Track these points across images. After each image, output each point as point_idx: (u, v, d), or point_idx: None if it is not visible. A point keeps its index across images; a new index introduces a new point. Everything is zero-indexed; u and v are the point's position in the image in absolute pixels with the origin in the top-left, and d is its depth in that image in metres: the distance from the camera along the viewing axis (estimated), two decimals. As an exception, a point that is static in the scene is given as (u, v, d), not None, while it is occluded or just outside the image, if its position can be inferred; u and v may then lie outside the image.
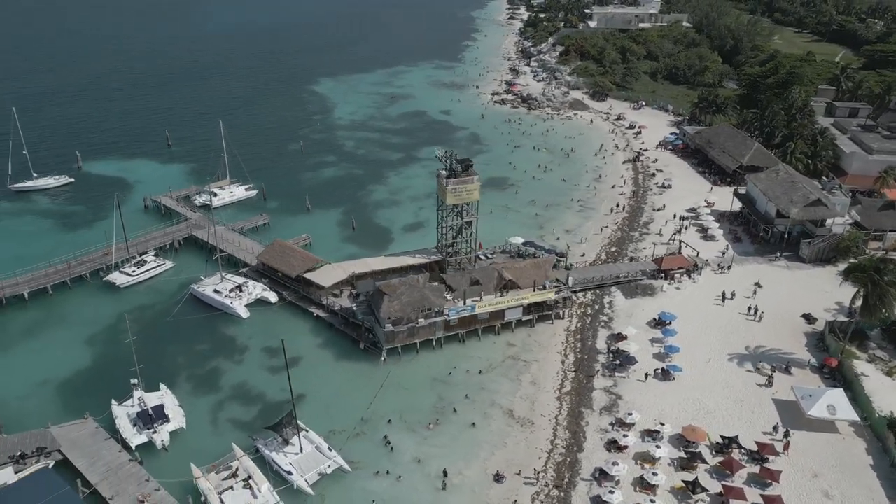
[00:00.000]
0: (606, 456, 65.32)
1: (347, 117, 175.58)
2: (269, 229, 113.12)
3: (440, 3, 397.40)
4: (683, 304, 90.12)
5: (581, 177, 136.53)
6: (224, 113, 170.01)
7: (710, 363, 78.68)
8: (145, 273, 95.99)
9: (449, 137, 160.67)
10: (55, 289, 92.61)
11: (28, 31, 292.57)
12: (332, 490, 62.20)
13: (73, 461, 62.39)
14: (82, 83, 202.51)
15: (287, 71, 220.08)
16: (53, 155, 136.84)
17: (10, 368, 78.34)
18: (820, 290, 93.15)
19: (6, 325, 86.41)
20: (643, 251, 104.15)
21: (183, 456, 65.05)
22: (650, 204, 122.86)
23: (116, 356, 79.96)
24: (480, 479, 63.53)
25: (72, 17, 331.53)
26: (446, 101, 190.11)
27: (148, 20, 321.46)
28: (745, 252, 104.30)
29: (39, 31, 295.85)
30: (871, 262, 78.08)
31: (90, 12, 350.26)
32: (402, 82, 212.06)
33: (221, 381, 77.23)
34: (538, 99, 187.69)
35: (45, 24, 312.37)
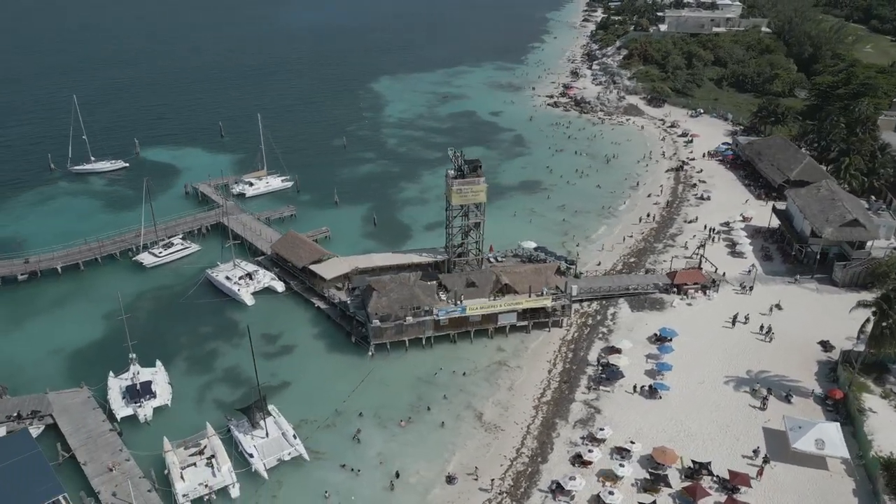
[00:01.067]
0: (569, 470, 63.76)
1: (397, 115, 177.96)
2: (295, 220, 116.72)
3: (518, 4, 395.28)
4: (691, 322, 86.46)
5: (618, 184, 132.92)
6: (280, 109, 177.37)
7: (704, 384, 75.17)
8: (171, 255, 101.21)
9: (492, 138, 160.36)
10: (87, 265, 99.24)
11: (103, 26, 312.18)
12: (290, 477, 63.82)
13: (61, 426, 66.97)
14: (150, 77, 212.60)
15: (350, 70, 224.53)
16: (113, 141, 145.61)
17: (31, 336, 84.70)
18: (847, 316, 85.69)
19: (37, 296, 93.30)
20: (662, 263, 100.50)
21: (161, 430, 68.47)
22: (683, 215, 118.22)
23: (121, 330, 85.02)
24: (434, 480, 63.51)
25: (149, 13, 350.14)
26: (498, 103, 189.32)
27: (228, 18, 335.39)
28: (774, 271, 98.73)
29: (117, 25, 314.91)
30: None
31: (170, 8, 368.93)
32: (459, 82, 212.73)
33: (215, 363, 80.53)
34: (591, 103, 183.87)
35: (122, 20, 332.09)
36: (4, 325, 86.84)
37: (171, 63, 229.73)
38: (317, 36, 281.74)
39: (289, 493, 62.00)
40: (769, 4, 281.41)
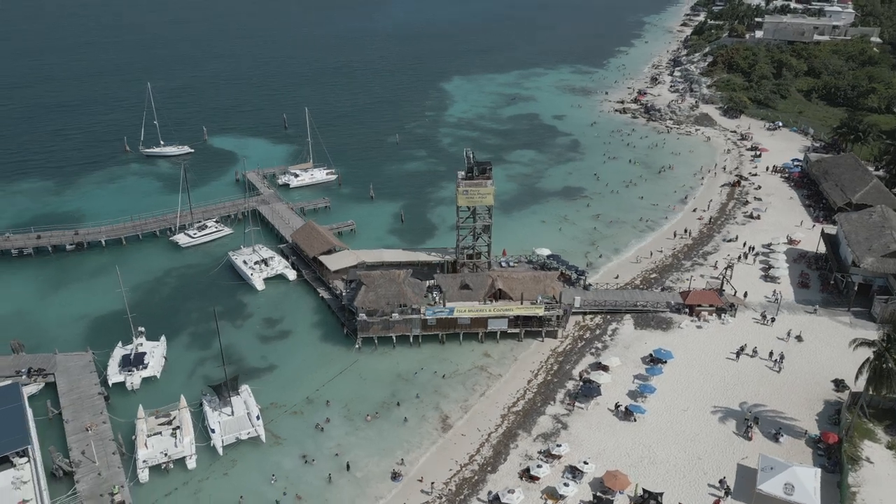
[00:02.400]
0: (516, 483, 62.34)
1: (458, 115, 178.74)
2: (329, 212, 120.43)
3: (617, 7, 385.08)
4: (693, 345, 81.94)
5: (664, 196, 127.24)
6: (348, 106, 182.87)
7: (687, 412, 71.03)
8: (204, 237, 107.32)
9: (546, 142, 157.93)
10: (128, 240, 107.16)
11: (198, 24, 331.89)
12: (245, 456, 66.32)
13: (58, 385, 73.05)
14: (233, 72, 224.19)
15: (427, 70, 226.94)
16: (183, 128, 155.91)
17: (64, 300, 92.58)
18: (873, 355, 79.19)
19: (80, 265, 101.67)
20: (684, 282, 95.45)
21: (143, 399, 73.09)
22: (724, 233, 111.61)
23: (147, 303, 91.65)
24: (379, 476, 63.99)
25: (259, 12, 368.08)
26: (565, 106, 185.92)
27: (324, 18, 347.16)
28: (807, 300, 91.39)
29: (211, 23, 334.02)
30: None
31: (277, 8, 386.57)
32: (531, 84, 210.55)
33: (214, 341, 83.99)
34: (661, 111, 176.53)
35: (220, 18, 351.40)
36: (44, 289, 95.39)
37: (257, 61, 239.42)
38: (405, 37, 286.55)
39: (239, 471, 64.50)
40: (889, 13, 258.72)
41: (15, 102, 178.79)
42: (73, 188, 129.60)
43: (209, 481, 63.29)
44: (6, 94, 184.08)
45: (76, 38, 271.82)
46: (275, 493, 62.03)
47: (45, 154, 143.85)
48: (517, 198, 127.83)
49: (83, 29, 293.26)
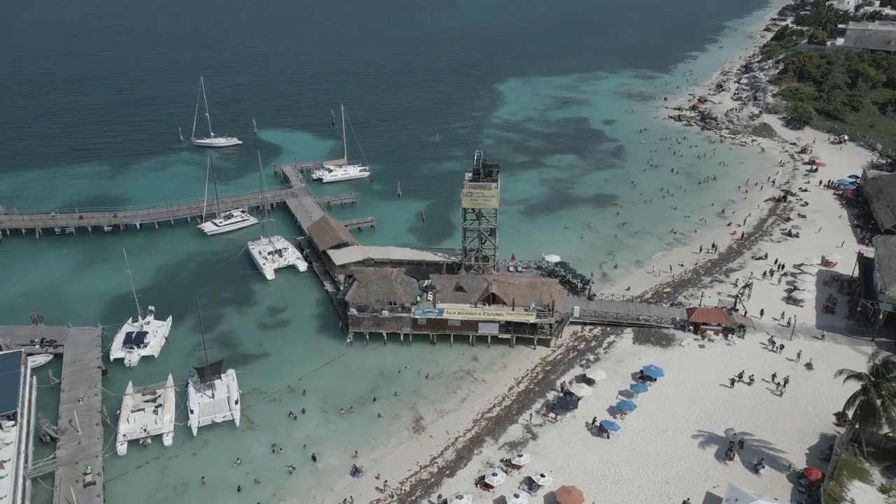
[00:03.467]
0: (470, 489, 61.78)
1: (505, 116, 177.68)
2: (354, 208, 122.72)
3: (700, 9, 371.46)
4: (691, 365, 78.57)
5: (700, 208, 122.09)
6: (398, 106, 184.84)
7: (666, 433, 68.18)
8: (230, 225, 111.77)
9: (590, 147, 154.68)
10: (161, 225, 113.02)
11: (268, 22, 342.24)
12: (216, 437, 68.72)
13: (64, 356, 78.07)
14: (291, 69, 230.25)
15: (485, 71, 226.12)
16: (234, 120, 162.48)
17: (92, 277, 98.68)
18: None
19: (113, 246, 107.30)
20: (699, 298, 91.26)
21: (140, 376, 77.09)
22: (755, 250, 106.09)
23: (165, 285, 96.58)
24: (340, 469, 64.84)
25: (329, 12, 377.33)
26: (618, 111, 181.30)
27: (397, 20, 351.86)
28: (829, 325, 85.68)
29: (282, 23, 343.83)
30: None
31: (350, 8, 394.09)
32: (587, 87, 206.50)
33: (217, 325, 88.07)
34: (718, 119, 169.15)
35: (287, 17, 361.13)
36: (78, 266, 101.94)
37: (318, 60, 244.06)
38: (470, 38, 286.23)
39: (209, 452, 66.95)
40: None
41: (84, 96, 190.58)
42: (126, 173, 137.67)
43: (178, 459, 66.07)
44: (75, 89, 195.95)
45: (137, 37, 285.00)
46: (237, 476, 64.07)
47: (108, 142, 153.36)
48: (545, 202, 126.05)
49: (141, 29, 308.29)
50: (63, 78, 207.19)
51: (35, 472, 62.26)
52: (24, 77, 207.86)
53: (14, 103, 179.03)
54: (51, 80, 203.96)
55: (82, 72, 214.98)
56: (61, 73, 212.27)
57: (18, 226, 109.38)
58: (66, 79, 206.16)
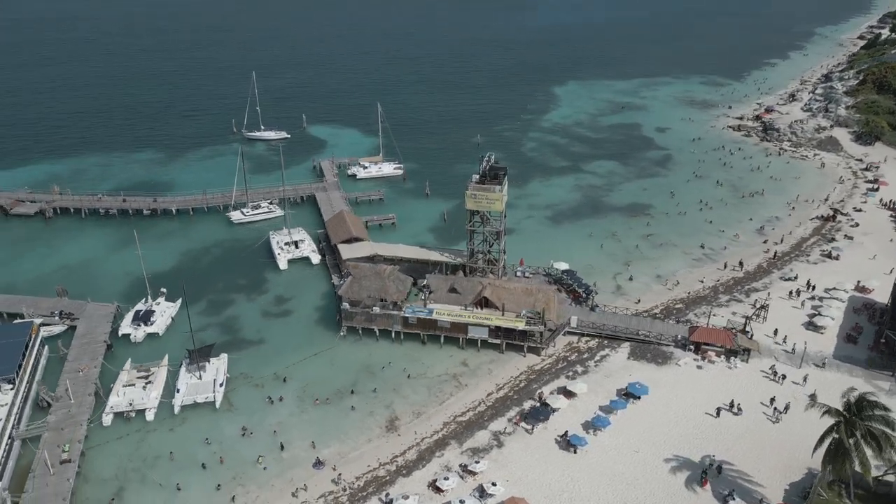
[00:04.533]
0: (420, 490, 61.66)
1: (555, 120, 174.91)
2: (382, 204, 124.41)
3: (791, 14, 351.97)
4: (683, 385, 75.20)
5: (738, 223, 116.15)
6: (448, 105, 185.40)
7: (637, 454, 65.54)
8: (256, 215, 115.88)
9: (636, 154, 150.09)
10: (195, 211, 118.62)
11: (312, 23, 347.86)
12: (195, 417, 71.60)
13: (77, 329, 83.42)
14: (344, 66, 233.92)
15: (546, 73, 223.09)
16: (284, 114, 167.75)
17: (124, 258, 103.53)
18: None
19: (150, 228, 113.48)
20: (712, 317, 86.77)
21: (142, 352, 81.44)
22: (786, 271, 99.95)
23: (185, 268, 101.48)
24: (302, 460, 66.11)
25: (402, 12, 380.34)
26: (674, 119, 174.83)
27: (462, 22, 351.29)
28: (847, 356, 79.82)
29: (345, 22, 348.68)
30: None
31: (424, 10, 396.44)
32: (648, 93, 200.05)
33: (224, 310, 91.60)
34: (781, 130, 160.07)
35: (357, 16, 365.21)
36: (114, 246, 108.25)
37: (377, 60, 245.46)
38: (540, 41, 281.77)
39: (184, 429, 69.89)
40: None
41: (152, 90, 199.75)
42: (178, 161, 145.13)
43: (156, 433, 69.38)
44: (146, 84, 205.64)
45: (204, 37, 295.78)
46: (205, 454, 66.61)
47: (168, 132, 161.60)
48: (574, 208, 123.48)
49: (209, 30, 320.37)
50: (137, 74, 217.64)
51: (25, 433, 67.03)
52: (100, 72, 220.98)
53: (89, 95, 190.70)
54: (123, 76, 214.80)
55: (156, 68, 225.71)
56: (137, 69, 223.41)
57: (68, 205, 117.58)
58: (141, 75, 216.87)
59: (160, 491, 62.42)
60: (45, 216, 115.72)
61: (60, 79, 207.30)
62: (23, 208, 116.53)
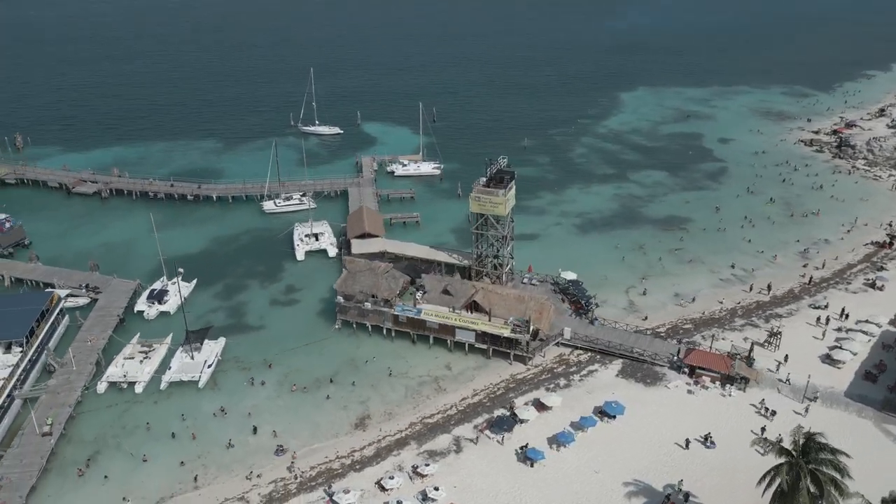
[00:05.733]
0: (366, 486, 62.20)
1: (612, 126, 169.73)
2: (413, 202, 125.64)
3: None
4: (667, 409, 71.87)
5: (780, 244, 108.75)
6: (505, 107, 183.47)
7: (597, 475, 63.17)
8: (287, 207, 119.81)
9: (688, 166, 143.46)
10: (234, 199, 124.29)
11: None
12: (179, 393, 75.34)
13: (98, 302, 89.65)
14: (410, 69, 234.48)
15: (617, 77, 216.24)
16: (339, 111, 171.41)
17: (161, 239, 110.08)
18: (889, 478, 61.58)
19: (190, 213, 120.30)
20: (712, 340, 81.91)
21: (149, 329, 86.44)
22: (818, 298, 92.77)
23: (210, 251, 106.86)
24: (266, 447, 68.13)
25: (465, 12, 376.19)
26: (742, 130, 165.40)
27: (543, 21, 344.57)
28: (861, 395, 73.54)
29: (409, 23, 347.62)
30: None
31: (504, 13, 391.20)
32: (720, 102, 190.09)
33: (236, 294, 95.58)
34: (857, 147, 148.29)
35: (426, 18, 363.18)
36: (159, 225, 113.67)
37: (444, 63, 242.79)
38: (620, 46, 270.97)
39: (166, 404, 73.74)
40: None
41: (219, 87, 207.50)
42: (233, 151, 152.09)
43: (141, 405, 73.64)
44: (212, 82, 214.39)
45: (256, 36, 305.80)
46: (179, 428, 70.12)
47: (229, 124, 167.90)
48: (607, 217, 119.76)
49: (262, 28, 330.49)
50: (210, 72, 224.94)
51: (26, 394, 72.91)
52: (180, 69, 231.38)
53: (163, 89, 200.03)
54: (198, 73, 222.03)
55: (230, 67, 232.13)
56: (210, 68, 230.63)
57: (122, 187, 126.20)
58: (214, 73, 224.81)
59: (129, 460, 66.27)
60: (101, 196, 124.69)
61: (140, 73, 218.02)
62: (83, 188, 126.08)
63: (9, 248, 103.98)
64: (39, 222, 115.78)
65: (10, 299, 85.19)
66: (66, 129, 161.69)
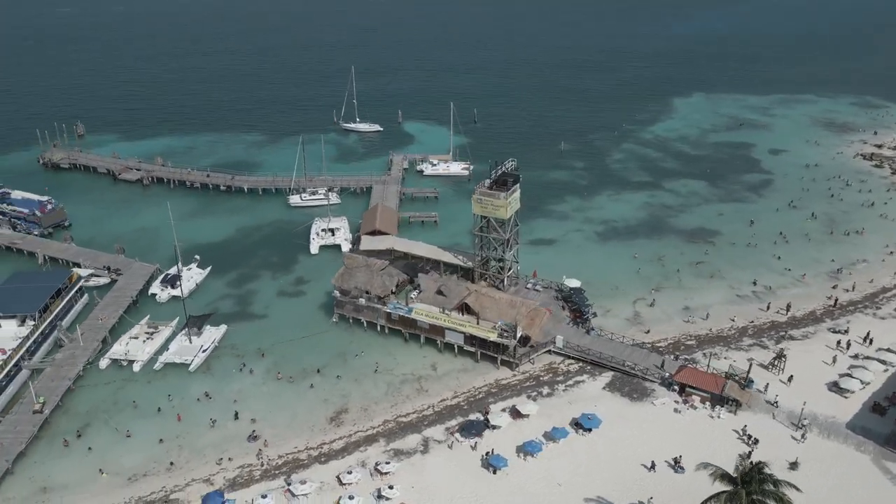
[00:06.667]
0: (327, 479, 62.91)
1: (658, 132, 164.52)
2: (436, 202, 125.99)
3: None
4: (649, 427, 69.46)
5: (813, 263, 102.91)
6: (550, 110, 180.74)
7: (559, 489, 61.66)
8: (312, 201, 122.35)
9: (730, 177, 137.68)
10: (263, 192, 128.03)
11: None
12: (173, 374, 78.30)
13: (117, 283, 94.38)
14: (460, 66, 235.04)
15: (672, 83, 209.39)
16: (380, 109, 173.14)
17: (189, 226, 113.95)
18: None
19: (221, 203, 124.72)
20: (709, 359, 78.16)
21: (160, 311, 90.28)
22: (840, 322, 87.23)
23: (231, 239, 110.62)
24: (240, 433, 69.95)
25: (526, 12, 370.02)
26: (796, 141, 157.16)
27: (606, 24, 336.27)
28: (864, 427, 68.85)
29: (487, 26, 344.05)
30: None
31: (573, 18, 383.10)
32: (781, 111, 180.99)
33: (247, 283, 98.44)
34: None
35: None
36: (186, 214, 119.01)
37: (499, 64, 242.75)
38: (681, 50, 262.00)
39: (158, 384, 76.77)
40: None
41: (270, 86, 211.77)
42: (275, 145, 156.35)
43: (135, 383, 77.10)
44: (262, 81, 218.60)
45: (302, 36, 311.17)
46: (165, 405, 73.14)
47: (274, 119, 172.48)
48: (632, 227, 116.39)
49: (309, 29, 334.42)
50: (261, 69, 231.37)
51: (33, 365, 77.63)
52: (238, 67, 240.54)
53: (218, 86, 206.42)
54: (248, 70, 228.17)
55: (282, 66, 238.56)
56: (263, 66, 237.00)
57: (162, 175, 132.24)
58: (265, 70, 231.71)
59: (113, 435, 69.49)
60: (142, 183, 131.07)
61: (198, 70, 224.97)
62: (128, 175, 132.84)
63: (49, 228, 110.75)
64: (83, 205, 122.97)
65: (32, 276, 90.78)
66: (126, 120, 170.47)
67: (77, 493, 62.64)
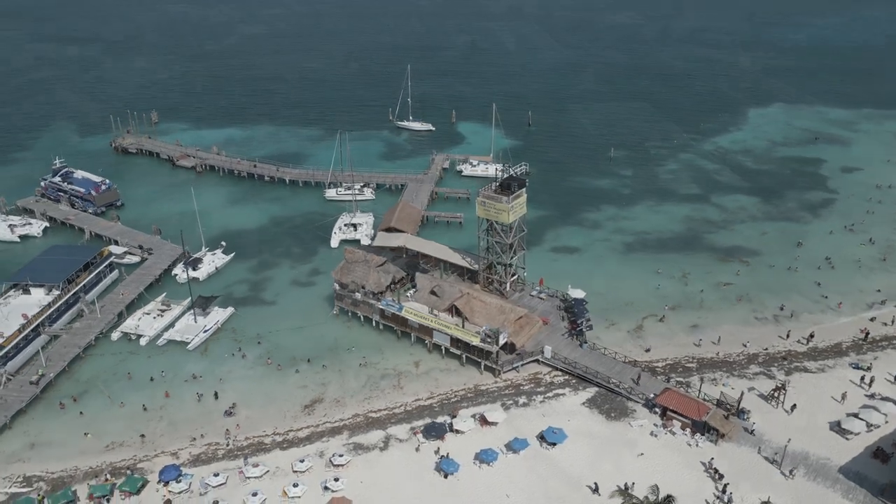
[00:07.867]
0: (284, 466, 64.44)
1: (723, 143, 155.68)
2: (467, 203, 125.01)
3: None
4: (617, 447, 66.36)
5: (857, 293, 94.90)
6: (608, 115, 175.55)
7: (508, 500, 60.26)
8: (346, 195, 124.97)
9: (785, 193, 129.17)
10: (304, 184, 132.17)
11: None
12: (172, 351, 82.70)
13: (146, 262, 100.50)
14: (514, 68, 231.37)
15: (758, 92, 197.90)
16: (434, 109, 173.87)
17: (228, 213, 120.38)
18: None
19: (264, 193, 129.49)
20: (700, 384, 73.62)
21: (177, 290, 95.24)
22: (866, 358, 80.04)
23: (268, 229, 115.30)
24: (218, 409, 72.91)
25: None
26: (872, 160, 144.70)
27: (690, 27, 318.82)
28: (859, 474, 63.00)
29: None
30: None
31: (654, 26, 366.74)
32: (865, 126, 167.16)
33: (265, 270, 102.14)
34: None
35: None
36: (229, 201, 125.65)
37: (576, 65, 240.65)
38: (775, 58, 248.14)
39: (155, 358, 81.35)
40: None
41: (336, 85, 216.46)
42: (329, 140, 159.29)
43: (136, 356, 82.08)
44: (330, 80, 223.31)
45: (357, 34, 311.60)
46: (156, 375, 77.79)
47: (335, 116, 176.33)
48: (663, 240, 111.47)
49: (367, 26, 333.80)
50: (330, 70, 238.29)
51: (53, 331, 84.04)
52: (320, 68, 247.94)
53: (287, 84, 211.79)
54: (320, 70, 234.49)
55: (350, 67, 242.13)
56: (332, 67, 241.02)
57: (214, 163, 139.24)
58: (334, 70, 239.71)
59: (104, 402, 74.31)
60: (196, 171, 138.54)
61: (273, 67, 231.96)
62: (185, 161, 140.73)
63: (102, 207, 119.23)
64: (140, 188, 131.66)
65: (67, 249, 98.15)
66: (198, 110, 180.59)
67: (59, 450, 67.66)
